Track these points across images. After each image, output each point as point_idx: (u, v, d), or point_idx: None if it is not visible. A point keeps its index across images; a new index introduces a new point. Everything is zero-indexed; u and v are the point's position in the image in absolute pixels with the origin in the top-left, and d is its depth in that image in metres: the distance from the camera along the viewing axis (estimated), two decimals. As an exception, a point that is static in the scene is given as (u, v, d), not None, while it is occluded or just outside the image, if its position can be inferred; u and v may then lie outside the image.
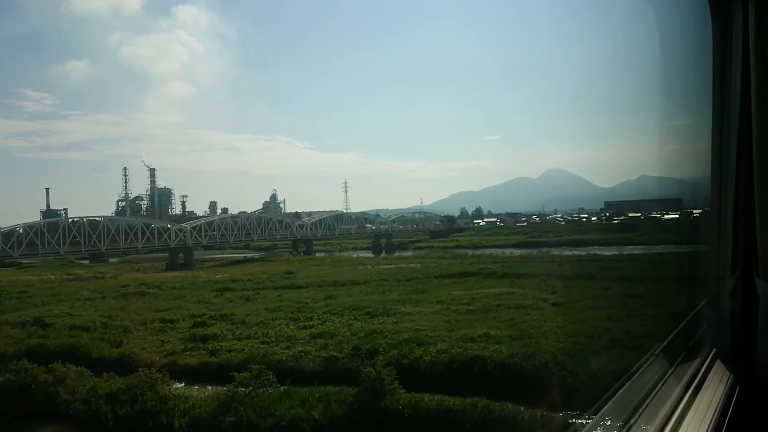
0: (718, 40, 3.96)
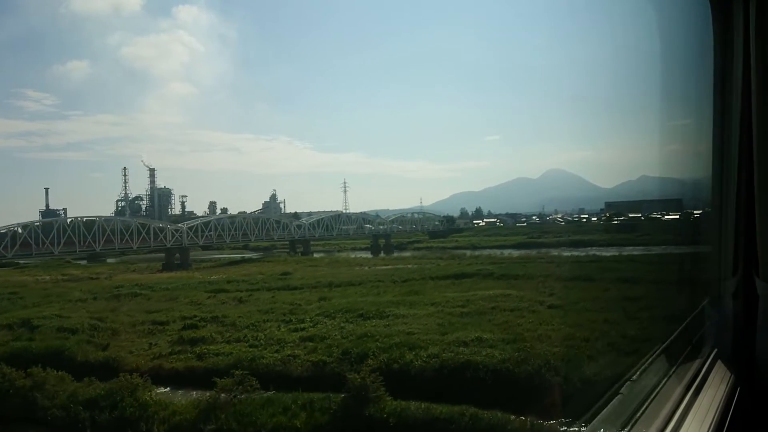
0: (719, 40, 3.96)
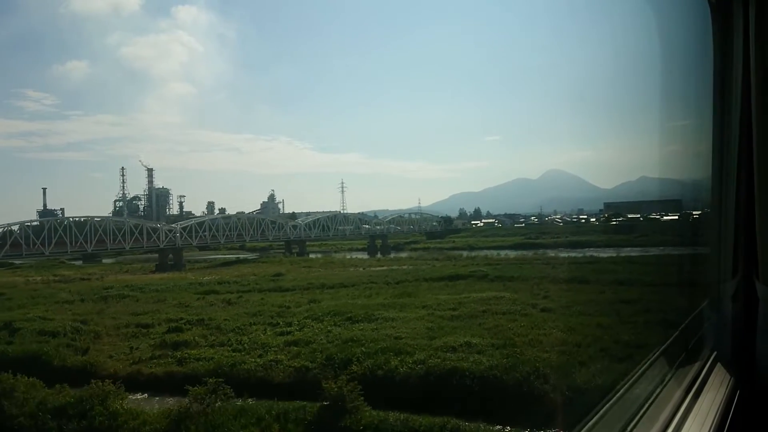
0: (719, 41, 3.95)
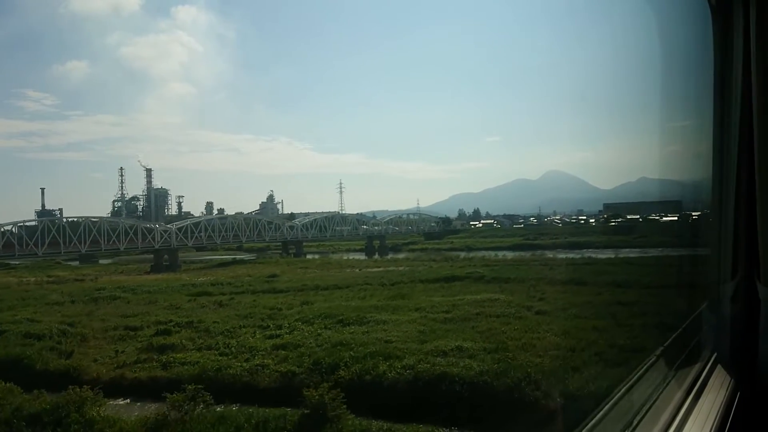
0: (719, 42, 3.94)
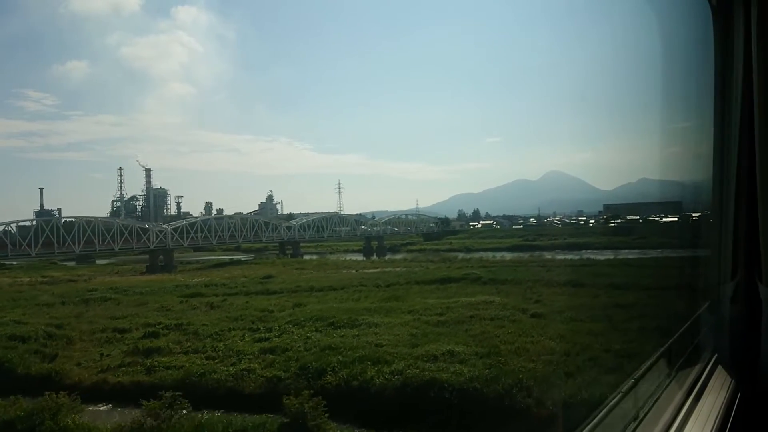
0: (720, 42, 3.92)
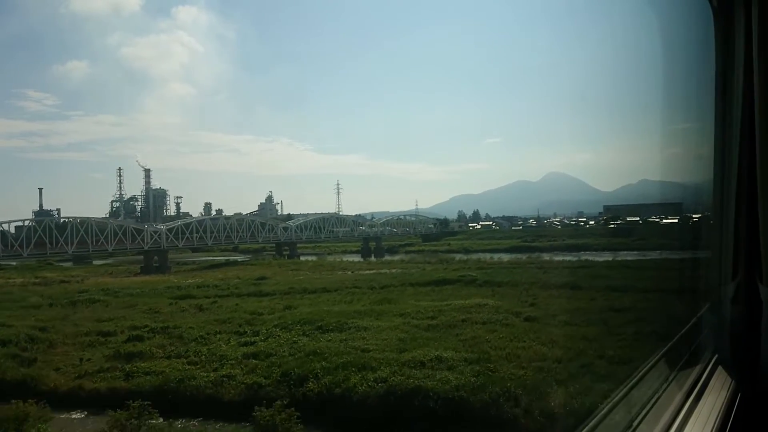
0: (721, 43, 3.94)
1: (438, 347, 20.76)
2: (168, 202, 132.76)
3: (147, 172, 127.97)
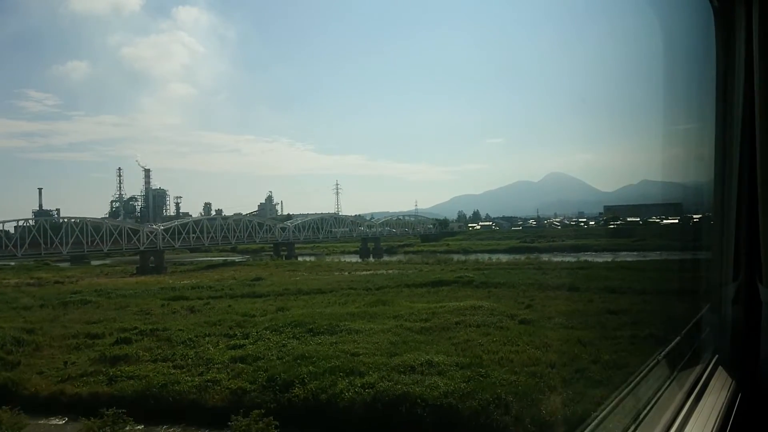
0: (721, 43, 3.94)
1: (429, 351, 20.21)
2: (168, 203, 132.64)
3: (147, 172, 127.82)
